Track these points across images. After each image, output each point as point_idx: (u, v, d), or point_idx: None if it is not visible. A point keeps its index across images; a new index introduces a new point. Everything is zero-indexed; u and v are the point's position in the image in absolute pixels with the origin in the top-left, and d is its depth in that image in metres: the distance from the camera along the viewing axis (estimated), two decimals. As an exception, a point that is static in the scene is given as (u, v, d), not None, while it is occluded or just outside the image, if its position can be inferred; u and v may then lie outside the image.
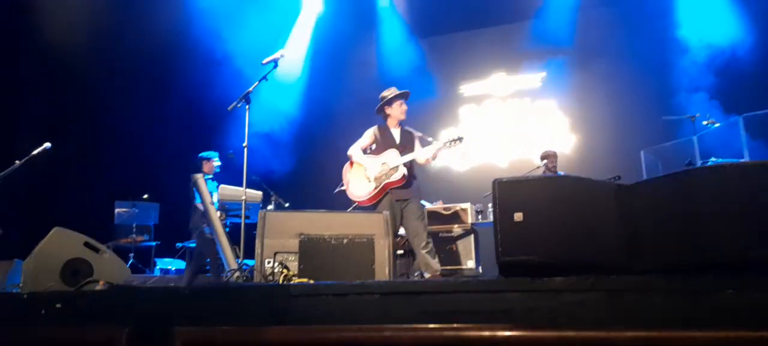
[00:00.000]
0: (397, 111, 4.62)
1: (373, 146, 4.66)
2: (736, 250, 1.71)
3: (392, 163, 4.46)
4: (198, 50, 8.19)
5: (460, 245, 6.06)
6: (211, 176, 6.24)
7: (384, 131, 4.65)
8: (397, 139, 4.61)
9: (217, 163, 6.28)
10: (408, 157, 4.48)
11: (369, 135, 4.68)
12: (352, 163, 4.67)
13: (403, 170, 4.42)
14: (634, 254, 1.92)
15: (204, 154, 6.30)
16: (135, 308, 2.28)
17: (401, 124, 4.68)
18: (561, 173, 6.33)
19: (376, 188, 4.44)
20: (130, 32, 7.65)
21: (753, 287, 1.63)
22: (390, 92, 4.64)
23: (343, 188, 4.79)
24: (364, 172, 4.54)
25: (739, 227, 1.73)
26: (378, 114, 4.74)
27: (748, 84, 6.78)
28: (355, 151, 4.66)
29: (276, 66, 4.30)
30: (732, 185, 1.78)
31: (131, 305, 2.30)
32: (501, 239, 1.91)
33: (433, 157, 4.56)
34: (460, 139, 4.47)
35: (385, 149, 4.56)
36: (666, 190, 1.93)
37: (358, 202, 4.61)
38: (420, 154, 4.53)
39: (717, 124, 5.90)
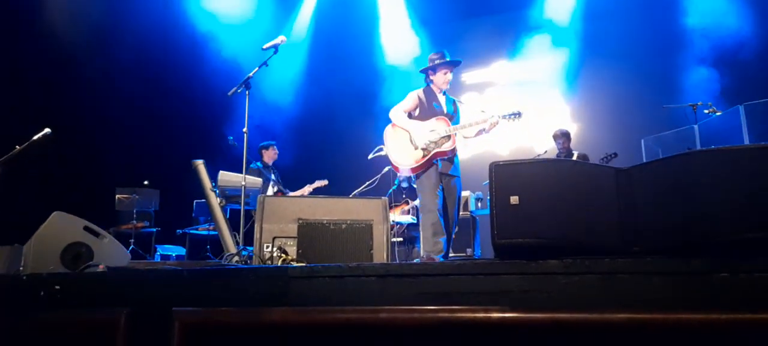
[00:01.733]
0: (440, 79, 4.33)
1: (416, 111, 4.33)
2: (733, 232, 1.71)
3: (442, 131, 4.15)
4: (197, 37, 8.17)
5: (460, 232, 6.06)
6: (270, 164, 6.30)
7: (429, 96, 4.33)
8: (444, 107, 4.31)
9: (276, 150, 6.38)
10: (460, 127, 4.18)
11: (413, 98, 4.33)
12: (393, 126, 4.31)
13: (454, 141, 4.14)
14: (631, 236, 1.92)
15: (263, 143, 6.36)
16: (134, 290, 2.29)
17: (445, 92, 4.38)
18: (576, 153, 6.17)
19: (424, 156, 4.11)
20: (129, 19, 7.63)
21: (749, 269, 1.64)
22: (437, 57, 4.36)
23: (380, 152, 4.54)
24: (409, 137, 4.21)
25: (737, 209, 1.73)
26: (422, 73, 4.46)
27: (750, 73, 6.75)
28: (398, 114, 4.30)
29: (276, 52, 4.28)
30: (730, 168, 1.78)
31: (130, 287, 2.31)
32: (497, 221, 1.92)
33: (488, 130, 4.16)
34: (519, 114, 4.13)
35: (432, 115, 4.24)
36: (664, 172, 1.93)
37: (399, 170, 4.34)
38: (473, 126, 4.16)
39: (718, 113, 5.87)
